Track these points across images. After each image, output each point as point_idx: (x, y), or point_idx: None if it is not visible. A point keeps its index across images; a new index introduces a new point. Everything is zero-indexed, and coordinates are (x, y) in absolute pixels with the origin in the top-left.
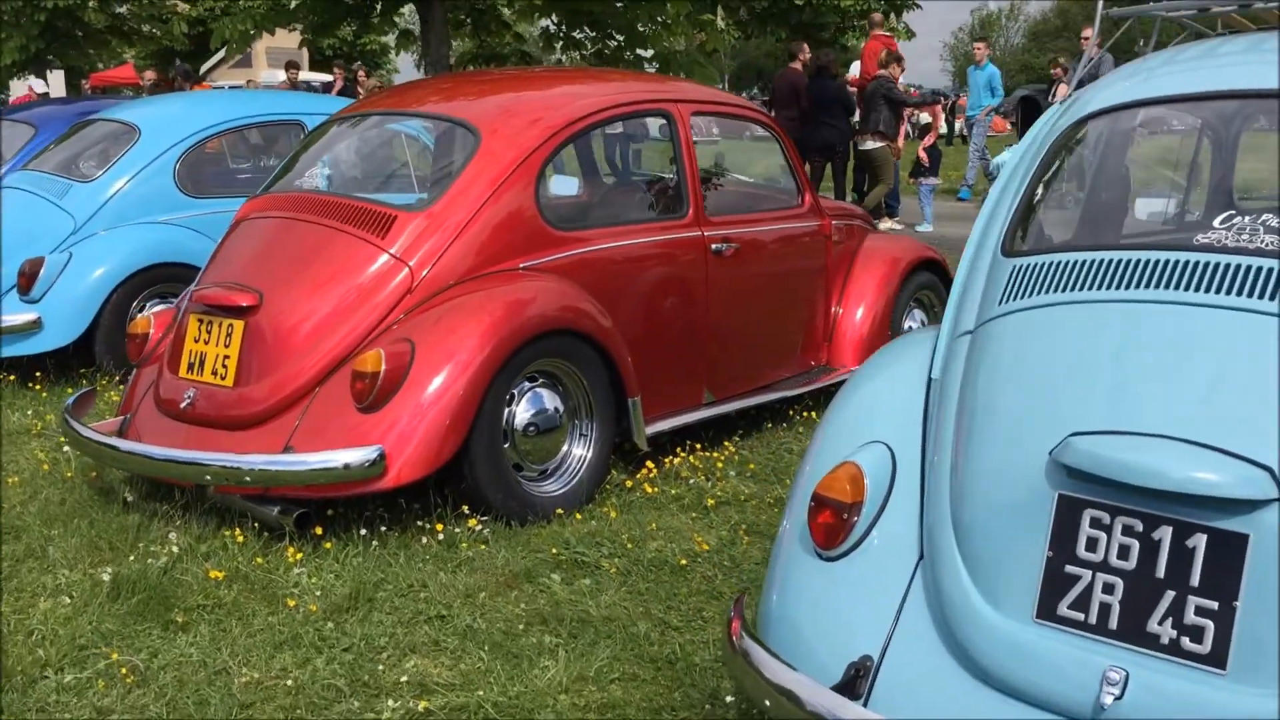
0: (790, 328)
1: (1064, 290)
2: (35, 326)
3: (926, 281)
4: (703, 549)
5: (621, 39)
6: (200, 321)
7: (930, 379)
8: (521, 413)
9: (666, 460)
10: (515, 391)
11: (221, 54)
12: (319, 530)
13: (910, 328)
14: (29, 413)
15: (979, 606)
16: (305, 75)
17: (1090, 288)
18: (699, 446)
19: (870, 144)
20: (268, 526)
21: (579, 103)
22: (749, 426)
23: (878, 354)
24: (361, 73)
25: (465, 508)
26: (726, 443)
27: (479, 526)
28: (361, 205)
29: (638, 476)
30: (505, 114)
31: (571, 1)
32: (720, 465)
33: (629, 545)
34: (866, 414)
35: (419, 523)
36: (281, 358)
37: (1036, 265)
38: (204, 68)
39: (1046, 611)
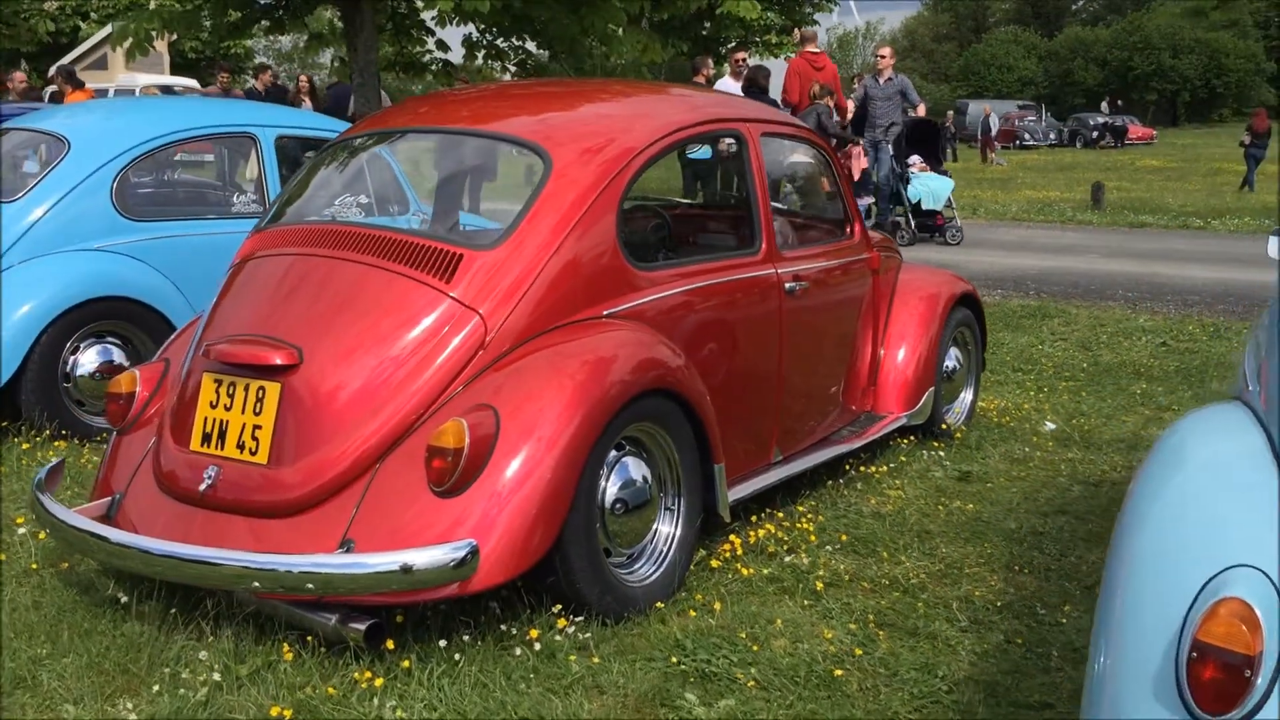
0: (840, 372)
1: None
2: None
3: (963, 318)
4: (852, 652)
5: (554, 51)
6: (218, 382)
7: None
8: (610, 488)
9: (750, 534)
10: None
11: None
12: (390, 644)
13: (952, 369)
14: None
15: None
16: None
17: None
18: (776, 513)
19: None
20: (324, 640)
21: (653, 122)
22: (808, 484)
23: (1167, 435)
24: (225, 76)
25: (557, 607)
26: (798, 505)
27: (571, 628)
28: (418, 241)
29: (723, 554)
30: (574, 134)
31: (515, 10)
32: (813, 538)
33: (753, 647)
34: (1207, 523)
35: (501, 626)
36: (330, 428)
37: None
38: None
39: None
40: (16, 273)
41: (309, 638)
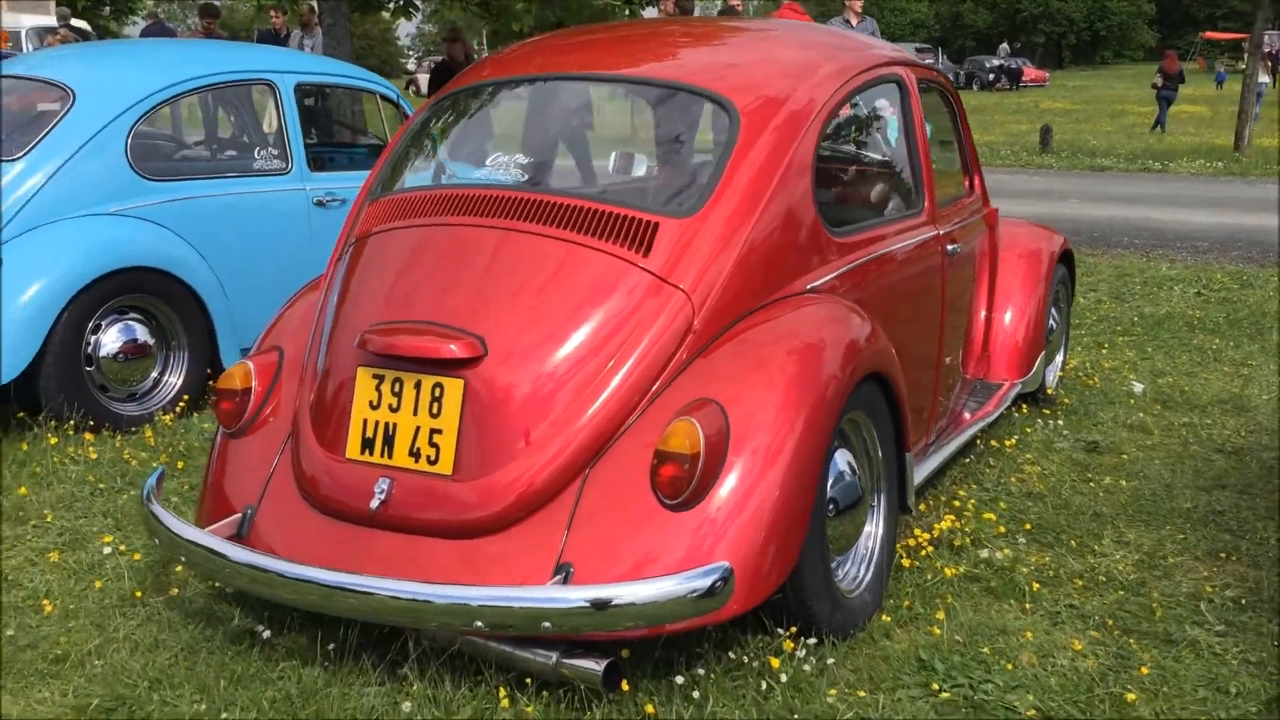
0: (962, 339)
1: None
2: None
3: (1061, 276)
4: (1117, 668)
5: None
6: (378, 379)
7: None
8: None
9: (934, 526)
10: None
11: None
12: (625, 686)
13: (1049, 329)
14: None
15: None
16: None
17: None
18: (929, 498)
19: None
20: (541, 681)
21: (828, 67)
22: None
23: None
24: (209, 21)
25: (783, 627)
26: (959, 489)
27: (801, 650)
28: (604, 209)
29: (916, 551)
30: (750, 81)
31: None
32: (1002, 529)
33: (1005, 665)
34: None
35: (728, 653)
36: (526, 431)
37: None
38: None
39: None
40: (24, 243)
41: (518, 678)
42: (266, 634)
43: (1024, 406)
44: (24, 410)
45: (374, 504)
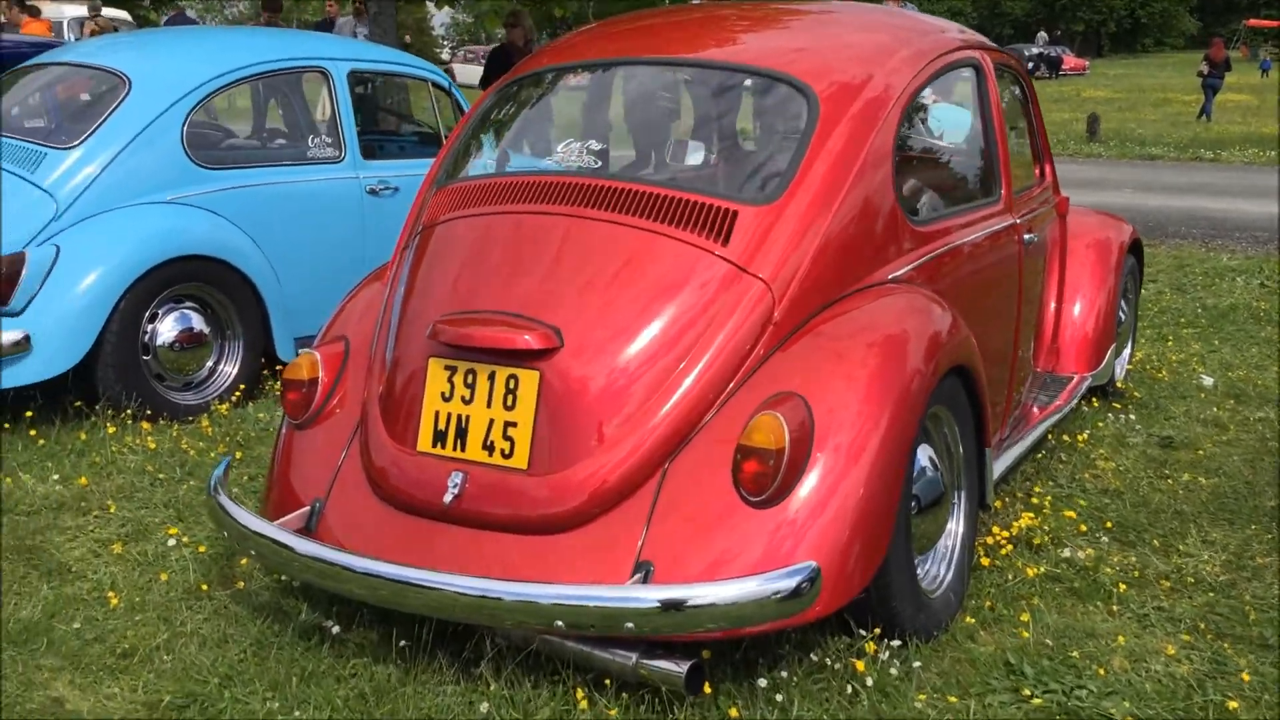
0: (1034, 331)
1: None
2: (23, 348)
3: (1130, 267)
4: (1214, 674)
5: None
6: (449, 370)
7: None
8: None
9: (1014, 525)
10: None
11: None
12: (707, 688)
13: (1120, 320)
14: (53, 476)
15: None
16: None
17: None
18: (1030, 497)
19: None
20: (620, 682)
21: (906, 50)
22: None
23: None
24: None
25: (865, 629)
26: (1034, 486)
27: (886, 654)
28: (680, 195)
29: (995, 550)
30: (827, 66)
31: None
32: (1083, 528)
33: (1098, 670)
34: None
35: (809, 655)
36: (604, 423)
37: None
38: None
39: None
40: (81, 231)
41: (595, 679)
42: (336, 630)
43: (1094, 400)
44: (80, 399)
45: (448, 498)
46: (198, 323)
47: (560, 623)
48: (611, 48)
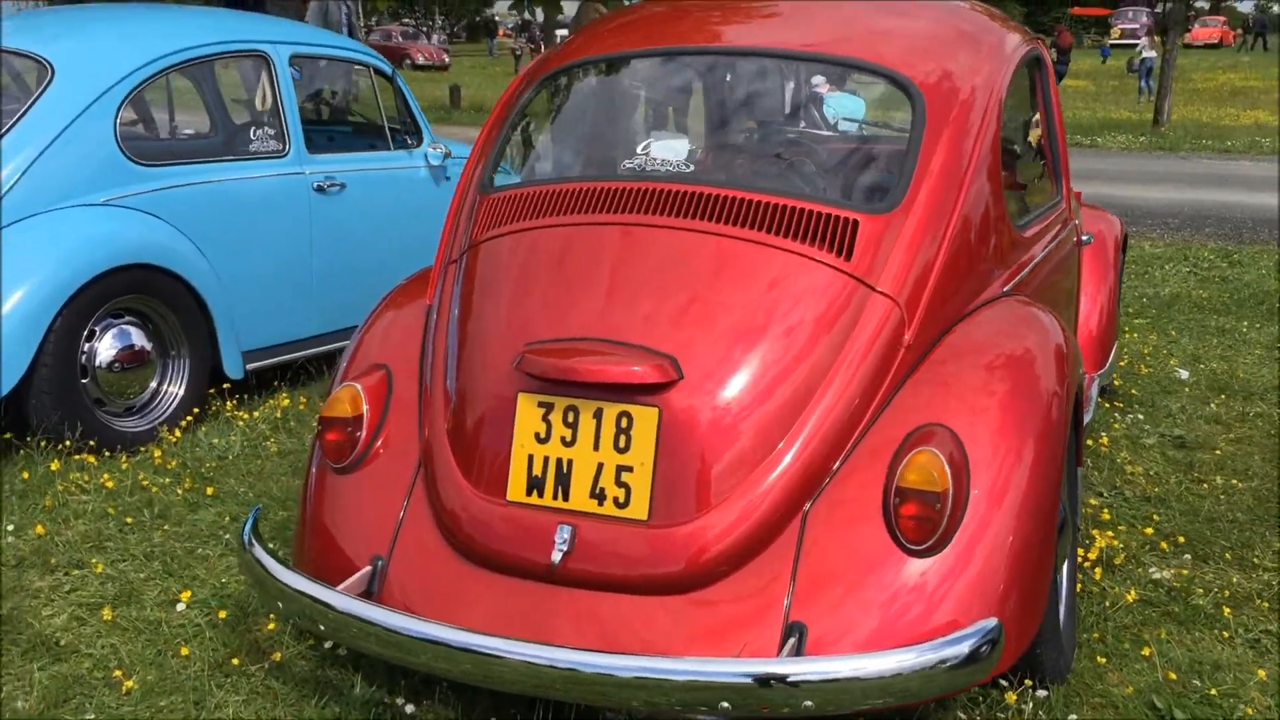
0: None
1: None
2: None
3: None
4: None
5: None
6: (545, 408)
7: None
8: None
9: (1094, 546)
10: None
11: None
12: None
13: None
14: (6, 527)
15: None
16: None
17: None
18: (1084, 509)
19: None
20: None
21: (988, 39)
22: None
23: None
24: None
25: (1010, 679)
26: (1087, 498)
27: (1029, 705)
28: (793, 204)
29: (1089, 572)
30: (923, 58)
31: None
32: (1164, 545)
33: (1246, 710)
34: None
35: (939, 709)
36: (735, 465)
37: None
38: None
39: None
40: (16, 236)
41: None
42: (410, 709)
43: (1100, 399)
44: (9, 431)
45: (557, 556)
46: (139, 339)
47: (726, 704)
48: (673, 33)
